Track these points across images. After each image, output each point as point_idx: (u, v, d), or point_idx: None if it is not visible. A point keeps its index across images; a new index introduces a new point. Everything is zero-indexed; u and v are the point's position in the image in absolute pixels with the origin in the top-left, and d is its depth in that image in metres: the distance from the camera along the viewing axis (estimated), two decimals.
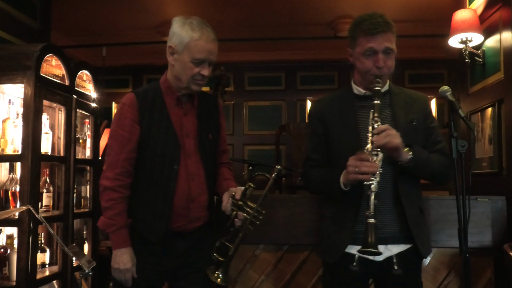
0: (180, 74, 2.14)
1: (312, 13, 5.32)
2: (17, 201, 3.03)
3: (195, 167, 2.16)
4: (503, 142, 3.15)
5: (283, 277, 2.93)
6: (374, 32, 2.01)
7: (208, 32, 2.12)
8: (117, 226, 2.09)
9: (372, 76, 2.04)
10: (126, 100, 2.18)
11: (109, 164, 2.14)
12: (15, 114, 3.24)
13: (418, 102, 2.18)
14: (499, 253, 2.74)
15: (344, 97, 2.19)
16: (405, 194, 2.05)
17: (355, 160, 1.90)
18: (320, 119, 2.19)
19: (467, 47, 3.45)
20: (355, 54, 2.10)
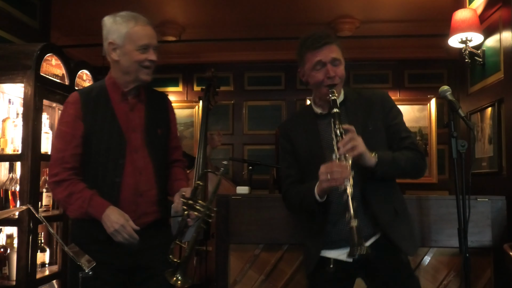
0: (127, 67, 2.13)
1: (312, 13, 5.31)
2: (17, 200, 3.03)
3: (143, 162, 2.14)
4: (503, 142, 3.15)
5: (283, 277, 2.93)
6: (319, 45, 2.06)
7: (142, 18, 2.16)
8: (87, 198, 2.06)
9: (326, 88, 2.07)
10: (69, 98, 2.19)
11: (55, 161, 2.13)
12: (15, 114, 3.24)
13: (375, 103, 2.16)
14: (499, 253, 2.75)
15: (306, 116, 2.25)
16: (375, 199, 2.05)
17: (326, 168, 1.90)
18: (286, 138, 2.25)
19: (467, 47, 3.45)
20: (305, 71, 2.15)
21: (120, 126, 2.14)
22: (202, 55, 6.49)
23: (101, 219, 2.04)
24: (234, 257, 2.98)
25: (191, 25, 5.69)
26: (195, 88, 6.67)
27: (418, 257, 2.91)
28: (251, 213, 2.96)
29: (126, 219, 2.05)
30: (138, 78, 2.15)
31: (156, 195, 2.19)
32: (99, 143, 2.12)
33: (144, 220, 2.15)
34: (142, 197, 2.13)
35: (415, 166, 2.11)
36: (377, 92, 2.25)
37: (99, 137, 2.12)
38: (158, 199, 2.20)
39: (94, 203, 2.06)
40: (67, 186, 2.09)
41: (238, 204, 2.98)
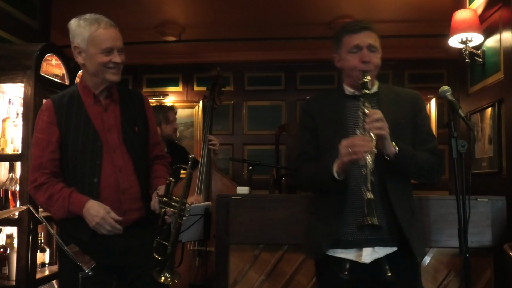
0: (93, 69, 2.15)
1: (311, 13, 5.31)
2: (17, 200, 3.04)
3: (121, 160, 2.18)
4: (503, 142, 3.15)
5: (282, 277, 2.93)
6: (358, 29, 2.09)
7: (105, 21, 2.17)
8: (66, 197, 2.09)
9: (360, 72, 2.06)
10: (43, 106, 2.26)
11: (33, 168, 2.17)
12: (15, 114, 3.24)
13: (407, 100, 2.17)
14: (499, 253, 2.74)
15: (334, 95, 2.23)
16: (395, 195, 2.02)
17: (347, 142, 1.89)
18: (310, 115, 2.21)
19: (467, 47, 3.45)
20: (341, 55, 2.17)
21: (94, 128, 2.17)
22: (202, 55, 6.49)
23: (82, 214, 2.07)
24: (234, 257, 2.98)
25: (191, 25, 5.69)
26: (195, 88, 6.67)
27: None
28: (251, 213, 2.96)
29: (107, 211, 2.08)
30: (105, 79, 2.17)
31: (139, 191, 2.22)
32: (75, 146, 2.15)
33: (131, 217, 2.18)
34: (124, 194, 2.16)
35: (432, 169, 2.11)
36: (410, 90, 2.26)
37: (74, 140, 2.15)
38: (142, 195, 2.23)
39: (73, 200, 2.09)
40: (46, 189, 2.12)
41: (238, 204, 2.98)
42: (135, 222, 2.21)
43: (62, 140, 2.16)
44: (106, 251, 2.14)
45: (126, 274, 2.22)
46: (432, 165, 2.10)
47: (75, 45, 2.17)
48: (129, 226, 2.18)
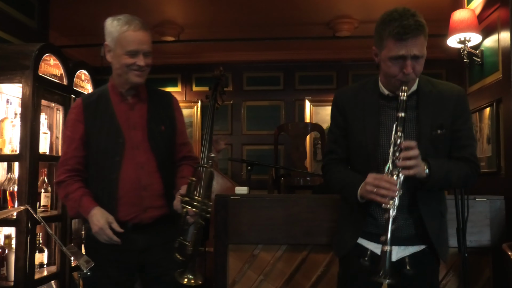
0: (118, 69, 2.19)
1: (310, 13, 5.32)
2: (15, 201, 3.03)
3: (144, 157, 2.20)
4: (502, 142, 3.15)
5: (282, 277, 2.93)
6: (405, 37, 1.84)
7: (136, 23, 2.16)
8: (77, 199, 2.15)
9: (398, 82, 1.90)
10: (73, 104, 2.33)
11: (59, 164, 2.26)
12: (13, 114, 3.24)
13: (449, 102, 1.99)
14: (498, 253, 2.75)
15: (368, 92, 2.06)
16: (423, 200, 1.96)
17: (374, 180, 1.82)
18: (341, 113, 2.08)
19: (466, 47, 3.46)
20: (381, 56, 1.94)
21: (119, 125, 2.20)
22: (201, 55, 6.49)
23: (88, 219, 2.13)
24: (233, 257, 2.98)
25: (190, 25, 5.69)
26: (194, 88, 6.67)
27: None
28: (250, 213, 2.96)
29: (109, 221, 2.10)
30: (128, 80, 2.19)
31: (162, 189, 2.23)
32: (98, 143, 2.19)
33: (153, 214, 2.20)
34: (146, 190, 2.18)
35: (465, 182, 2.05)
36: (454, 88, 2.05)
37: (98, 137, 2.20)
38: (165, 193, 2.23)
39: (83, 204, 2.14)
40: (64, 187, 2.19)
41: (237, 205, 2.98)
42: (157, 220, 2.21)
43: (86, 137, 2.21)
44: (127, 249, 2.16)
45: (147, 272, 2.24)
46: (467, 177, 1.99)
47: (106, 43, 2.20)
48: (151, 223, 2.19)
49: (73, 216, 2.25)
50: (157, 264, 2.22)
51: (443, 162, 1.93)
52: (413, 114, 1.96)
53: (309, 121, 6.45)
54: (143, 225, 2.18)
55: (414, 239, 1.99)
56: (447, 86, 2.08)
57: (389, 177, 1.81)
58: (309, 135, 6.13)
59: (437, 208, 2.04)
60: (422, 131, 1.94)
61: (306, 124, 5.86)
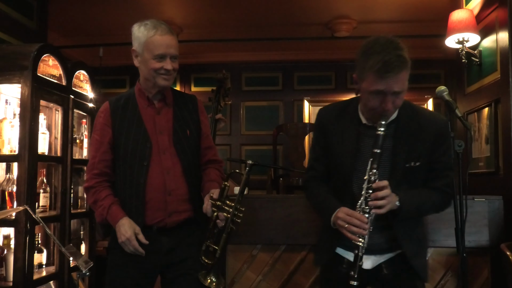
0: (146, 74, 2.22)
1: (309, 14, 5.32)
2: (14, 201, 3.03)
3: (170, 162, 2.21)
4: (500, 142, 3.16)
5: (280, 277, 2.93)
6: (386, 75, 1.79)
7: (162, 27, 2.19)
8: (106, 207, 2.18)
9: (377, 114, 1.90)
10: (101, 108, 2.33)
11: (88, 168, 2.29)
12: (12, 114, 3.23)
13: (428, 134, 1.97)
14: (496, 253, 2.75)
15: (348, 119, 2.06)
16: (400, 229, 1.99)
17: (346, 216, 1.88)
18: (323, 133, 2.12)
19: (464, 47, 3.46)
20: (361, 86, 1.91)
21: (146, 130, 2.22)
22: (200, 55, 6.49)
23: (116, 228, 2.16)
24: (231, 258, 2.98)
25: (189, 25, 5.69)
26: (193, 89, 6.67)
27: None
28: (249, 214, 2.96)
29: (136, 232, 2.13)
30: (156, 84, 2.22)
31: (187, 193, 2.24)
32: (126, 148, 2.22)
33: (176, 218, 2.22)
34: (171, 195, 2.19)
35: (437, 210, 2.11)
36: (435, 120, 2.03)
37: (126, 142, 2.22)
38: (190, 198, 2.25)
39: (111, 212, 2.18)
40: (93, 193, 2.23)
41: None
42: (182, 222, 2.23)
43: (115, 141, 2.23)
44: (153, 252, 2.18)
45: (169, 272, 2.25)
46: (438, 206, 2.06)
47: (133, 49, 2.23)
48: (175, 226, 2.21)
49: (100, 222, 2.24)
50: (181, 263, 2.23)
51: (414, 195, 1.96)
52: (390, 143, 1.97)
53: (308, 121, 6.45)
54: (168, 229, 2.20)
55: (388, 250, 2.04)
56: (429, 116, 2.06)
57: (360, 214, 1.86)
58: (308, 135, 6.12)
59: (413, 231, 2.06)
60: (397, 162, 1.96)
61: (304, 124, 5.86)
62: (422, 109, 2.08)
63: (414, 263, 2.00)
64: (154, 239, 2.17)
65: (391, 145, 1.96)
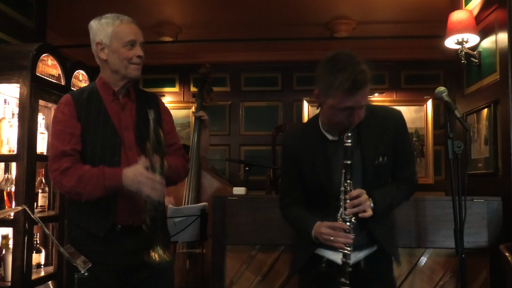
0: (117, 65, 2.16)
1: (308, 14, 5.32)
2: (13, 201, 3.02)
3: (136, 159, 2.12)
4: (499, 143, 3.15)
5: (279, 278, 2.93)
6: (356, 92, 1.85)
7: (126, 17, 2.20)
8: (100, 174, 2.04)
9: (343, 128, 1.96)
10: (62, 100, 2.21)
11: (56, 156, 2.09)
12: (11, 114, 3.23)
13: (390, 128, 2.07)
14: (495, 254, 2.75)
15: (313, 137, 2.12)
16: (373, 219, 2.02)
17: (329, 230, 1.93)
18: (291, 158, 2.15)
19: (463, 48, 3.46)
20: (327, 103, 1.94)
21: (113, 125, 2.16)
22: (199, 55, 6.48)
23: (122, 183, 2.02)
24: (230, 258, 2.98)
25: (188, 25, 5.69)
26: (192, 89, 6.66)
27: (414, 257, 2.91)
28: (248, 214, 2.96)
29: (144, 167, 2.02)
30: (127, 75, 2.18)
31: None
32: (95, 142, 2.13)
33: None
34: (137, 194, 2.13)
35: (405, 200, 2.18)
36: (392, 113, 2.13)
37: (94, 136, 2.14)
38: None
39: (108, 174, 2.04)
40: (73, 172, 2.06)
41: (234, 205, 2.98)
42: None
43: (82, 134, 2.14)
44: (119, 253, 2.14)
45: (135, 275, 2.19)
46: (407, 197, 2.17)
47: (98, 42, 2.18)
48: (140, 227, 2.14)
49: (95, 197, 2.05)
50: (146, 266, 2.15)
51: (386, 193, 2.05)
52: (357, 148, 2.03)
53: None
54: (133, 228, 2.14)
55: (366, 245, 2.09)
56: (386, 111, 2.15)
57: (342, 223, 1.93)
58: None
59: (386, 222, 2.13)
60: (366, 164, 2.03)
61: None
62: (376, 107, 2.14)
63: (385, 243, 2.08)
64: (119, 239, 2.12)
65: (359, 149, 2.03)
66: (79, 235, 2.15)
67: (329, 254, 2.07)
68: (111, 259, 2.11)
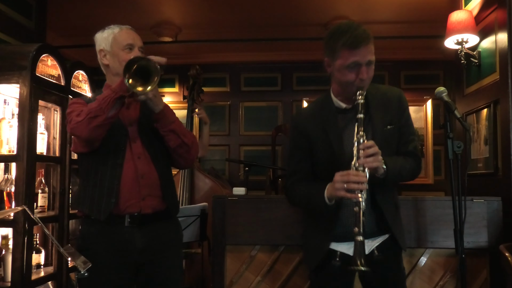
0: (117, 68, 2.27)
1: (308, 14, 5.32)
2: (12, 201, 3.02)
3: (140, 149, 2.29)
4: (499, 143, 3.16)
5: (279, 278, 2.93)
6: (359, 46, 1.97)
7: (125, 26, 2.35)
8: (102, 95, 2.11)
9: (355, 88, 2.02)
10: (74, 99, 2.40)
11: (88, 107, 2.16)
12: (11, 114, 3.23)
13: (393, 101, 2.18)
14: (495, 254, 2.75)
15: (325, 110, 2.19)
16: (381, 192, 2.09)
17: (342, 177, 1.91)
18: (303, 133, 2.18)
19: (463, 48, 3.46)
20: (335, 66, 2.06)
21: (120, 120, 2.28)
22: (198, 55, 6.48)
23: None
24: (230, 258, 2.98)
25: (187, 25, 5.69)
26: None
27: (414, 258, 2.91)
28: (248, 214, 2.96)
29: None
30: None
31: (158, 178, 2.28)
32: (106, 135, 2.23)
33: (151, 203, 2.24)
34: (144, 179, 2.24)
35: (413, 175, 2.18)
36: (394, 89, 2.25)
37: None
38: (161, 185, 2.28)
39: (110, 89, 2.13)
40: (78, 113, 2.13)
41: (234, 205, 2.98)
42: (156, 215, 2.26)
43: None
44: (126, 250, 2.19)
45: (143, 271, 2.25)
46: (414, 170, 2.16)
47: (101, 49, 2.33)
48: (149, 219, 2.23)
49: (113, 115, 2.12)
50: (155, 263, 2.25)
51: (396, 159, 2.08)
52: (366, 116, 2.06)
53: None
54: (142, 217, 2.21)
55: (377, 232, 2.12)
56: (388, 88, 2.28)
57: (356, 172, 1.91)
58: None
59: (392, 201, 2.18)
60: (376, 129, 2.09)
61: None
62: (379, 85, 2.27)
63: (395, 230, 2.11)
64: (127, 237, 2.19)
65: (368, 116, 2.08)
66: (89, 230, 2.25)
67: (342, 248, 2.09)
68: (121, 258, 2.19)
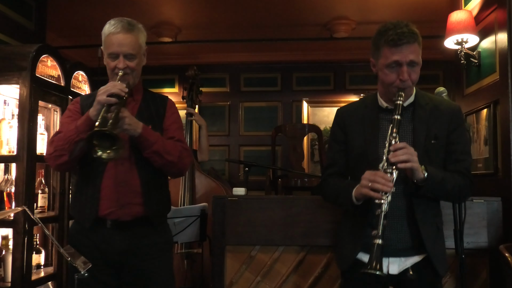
0: (108, 72, 2.25)
1: (308, 14, 5.32)
2: (12, 202, 3.03)
3: (127, 153, 2.19)
4: (499, 143, 3.15)
5: (279, 278, 2.93)
6: (400, 43, 1.92)
7: (117, 25, 2.19)
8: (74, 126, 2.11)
9: (395, 89, 1.97)
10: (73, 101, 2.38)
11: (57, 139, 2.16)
12: (11, 115, 3.23)
13: (444, 115, 2.06)
14: (495, 254, 2.75)
15: (368, 107, 2.14)
16: (420, 212, 2.00)
17: (370, 175, 1.87)
18: (341, 127, 2.16)
19: (463, 48, 3.46)
20: (378, 65, 2.02)
21: None
22: (198, 56, 6.49)
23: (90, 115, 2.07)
24: (230, 258, 2.98)
25: (187, 26, 5.69)
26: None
27: None
28: (248, 214, 2.96)
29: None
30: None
31: (139, 185, 2.22)
32: None
33: (130, 211, 2.19)
34: (123, 186, 2.19)
35: (460, 194, 2.09)
36: (449, 103, 2.15)
37: None
38: (143, 192, 2.22)
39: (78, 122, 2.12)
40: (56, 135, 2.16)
41: (234, 206, 2.97)
42: (136, 221, 2.22)
43: None
44: (109, 251, 2.18)
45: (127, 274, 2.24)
46: (461, 189, 2.04)
47: (101, 47, 2.27)
48: (130, 224, 2.20)
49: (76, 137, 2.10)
50: (138, 267, 2.22)
51: (439, 169, 1.98)
52: (409, 126, 2.03)
53: (307, 122, 6.45)
54: (121, 223, 2.18)
55: (411, 250, 2.03)
56: (444, 101, 2.19)
57: (383, 173, 1.86)
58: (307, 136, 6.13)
59: (433, 220, 2.08)
60: (417, 140, 2.00)
61: (303, 125, 5.87)
62: (436, 97, 2.20)
63: (431, 251, 2.00)
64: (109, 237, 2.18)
65: (411, 127, 2.03)
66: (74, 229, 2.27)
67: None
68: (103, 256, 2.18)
